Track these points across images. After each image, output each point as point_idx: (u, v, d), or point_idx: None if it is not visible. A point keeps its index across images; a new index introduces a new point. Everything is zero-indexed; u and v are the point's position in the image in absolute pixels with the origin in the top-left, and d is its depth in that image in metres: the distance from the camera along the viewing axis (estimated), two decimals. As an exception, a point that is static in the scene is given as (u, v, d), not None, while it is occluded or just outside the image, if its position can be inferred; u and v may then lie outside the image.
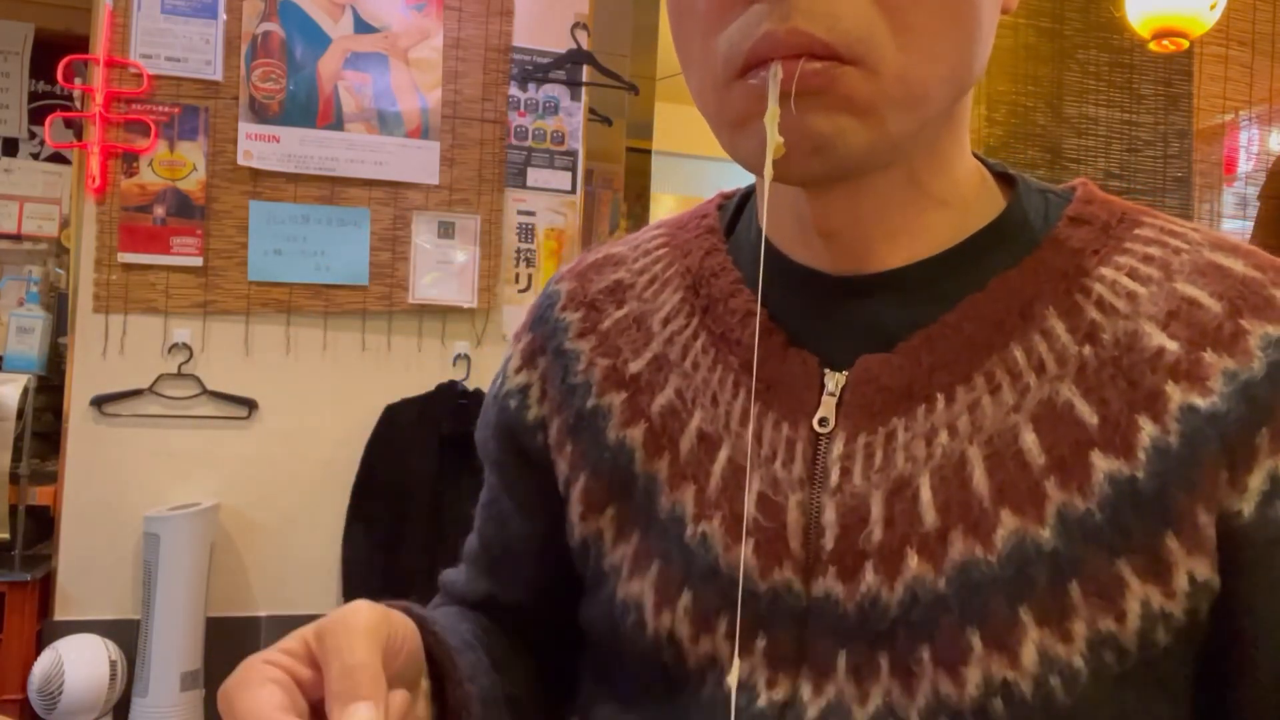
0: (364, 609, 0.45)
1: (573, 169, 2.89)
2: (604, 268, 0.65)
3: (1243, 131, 3.57)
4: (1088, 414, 0.49)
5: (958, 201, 0.55)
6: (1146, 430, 0.48)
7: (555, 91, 2.88)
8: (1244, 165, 3.58)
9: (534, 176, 2.86)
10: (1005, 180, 0.59)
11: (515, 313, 2.83)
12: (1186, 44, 2.87)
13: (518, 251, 2.85)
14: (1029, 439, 0.49)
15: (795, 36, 0.45)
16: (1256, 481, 0.47)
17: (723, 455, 0.55)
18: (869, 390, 0.52)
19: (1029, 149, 3.36)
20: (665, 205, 4.34)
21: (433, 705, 0.53)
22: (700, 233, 0.63)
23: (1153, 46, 2.91)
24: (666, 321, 0.60)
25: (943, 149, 0.54)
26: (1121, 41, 3.39)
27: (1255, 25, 3.44)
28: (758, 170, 0.49)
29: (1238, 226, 3.47)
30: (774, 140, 0.46)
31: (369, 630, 0.44)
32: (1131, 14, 2.87)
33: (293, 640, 0.45)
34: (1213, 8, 2.78)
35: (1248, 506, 0.47)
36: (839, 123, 0.47)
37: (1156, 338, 0.50)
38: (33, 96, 3.63)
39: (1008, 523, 0.48)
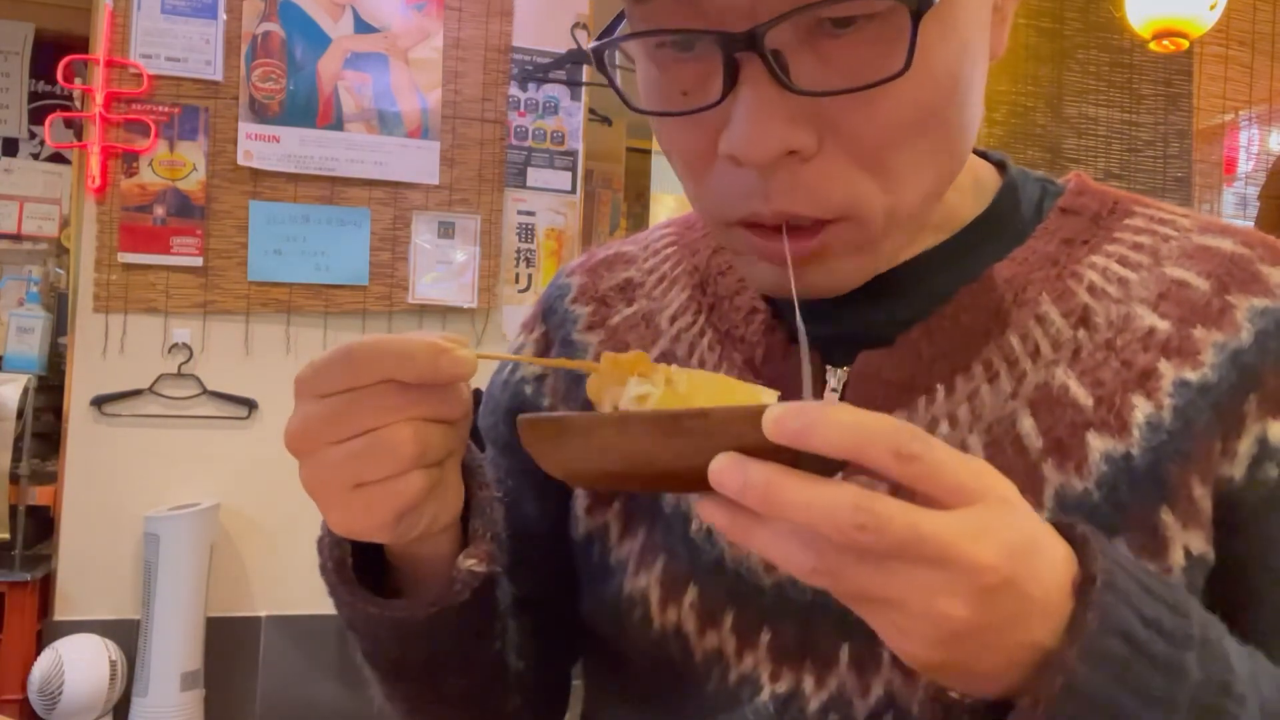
0: None
1: (573, 169, 2.89)
2: (615, 265, 0.67)
3: (1243, 131, 3.57)
4: (1083, 396, 0.50)
5: (952, 220, 0.57)
6: (1140, 408, 0.49)
7: (555, 91, 2.88)
8: (1244, 165, 3.58)
9: (534, 176, 2.86)
10: (1002, 169, 0.60)
11: (515, 313, 2.83)
12: (1186, 44, 2.87)
13: (518, 251, 2.85)
14: (1027, 424, 0.50)
15: (781, 218, 0.46)
16: (1245, 446, 0.49)
17: None
18: (871, 385, 0.53)
19: (1029, 149, 3.36)
20: (665, 205, 4.34)
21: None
22: (708, 232, 0.64)
23: (1153, 46, 2.91)
24: (674, 319, 0.61)
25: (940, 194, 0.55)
26: (1121, 41, 3.39)
27: (1255, 25, 3.44)
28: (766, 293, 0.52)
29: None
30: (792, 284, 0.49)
31: None
32: (1131, 14, 2.87)
33: None
34: (1213, 8, 2.77)
35: (1238, 471, 0.49)
36: (835, 267, 0.49)
37: (1148, 318, 0.51)
38: (33, 96, 3.63)
39: None
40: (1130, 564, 0.40)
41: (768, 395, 0.41)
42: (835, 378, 0.54)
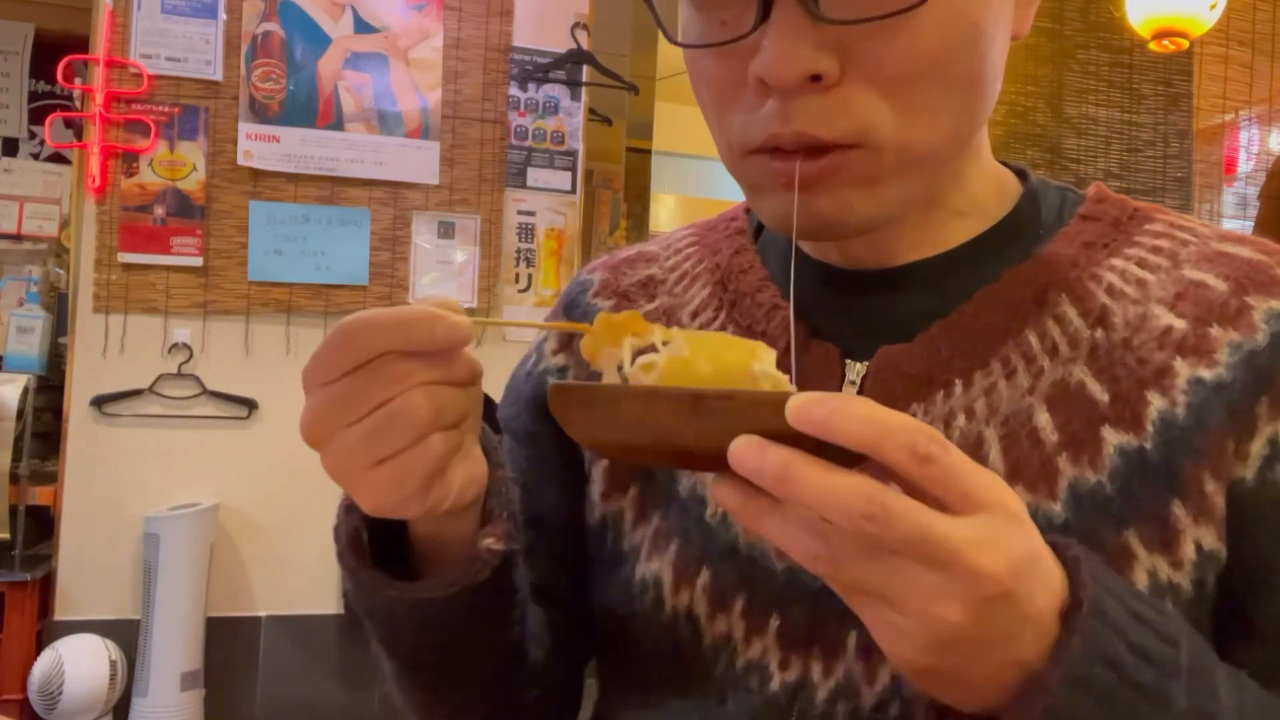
0: None
1: (573, 169, 2.89)
2: (637, 263, 0.68)
3: (1243, 131, 3.57)
4: (1099, 392, 0.51)
5: (975, 211, 0.58)
6: (1155, 404, 0.50)
7: (555, 91, 2.88)
8: (1244, 165, 3.58)
9: (534, 176, 2.86)
10: (1023, 178, 0.62)
11: (515, 313, 2.83)
12: (1186, 44, 2.87)
13: (518, 251, 2.85)
14: (1043, 418, 0.52)
15: (799, 139, 0.48)
16: (1257, 447, 0.50)
17: None
18: (890, 378, 0.54)
19: (1029, 149, 3.36)
20: (665, 205, 4.34)
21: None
22: (729, 234, 0.66)
23: (1153, 46, 2.91)
24: (695, 314, 0.63)
25: (960, 170, 0.56)
26: (1121, 41, 3.39)
27: (1255, 25, 3.44)
28: (776, 230, 0.53)
29: (1238, 226, 3.46)
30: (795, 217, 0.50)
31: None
32: (1131, 14, 2.87)
33: None
34: (1213, 8, 2.78)
35: (1249, 472, 0.50)
36: (844, 199, 0.50)
37: (1165, 318, 0.52)
38: (33, 96, 3.63)
39: (1021, 498, 0.49)
40: (1121, 590, 0.41)
41: (765, 351, 0.42)
42: (855, 371, 0.55)
